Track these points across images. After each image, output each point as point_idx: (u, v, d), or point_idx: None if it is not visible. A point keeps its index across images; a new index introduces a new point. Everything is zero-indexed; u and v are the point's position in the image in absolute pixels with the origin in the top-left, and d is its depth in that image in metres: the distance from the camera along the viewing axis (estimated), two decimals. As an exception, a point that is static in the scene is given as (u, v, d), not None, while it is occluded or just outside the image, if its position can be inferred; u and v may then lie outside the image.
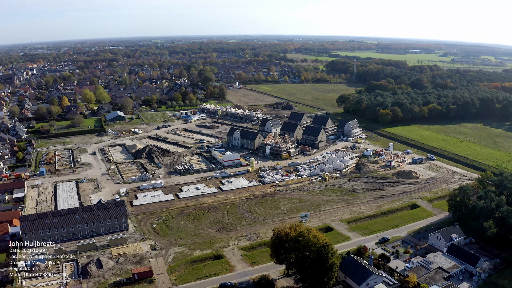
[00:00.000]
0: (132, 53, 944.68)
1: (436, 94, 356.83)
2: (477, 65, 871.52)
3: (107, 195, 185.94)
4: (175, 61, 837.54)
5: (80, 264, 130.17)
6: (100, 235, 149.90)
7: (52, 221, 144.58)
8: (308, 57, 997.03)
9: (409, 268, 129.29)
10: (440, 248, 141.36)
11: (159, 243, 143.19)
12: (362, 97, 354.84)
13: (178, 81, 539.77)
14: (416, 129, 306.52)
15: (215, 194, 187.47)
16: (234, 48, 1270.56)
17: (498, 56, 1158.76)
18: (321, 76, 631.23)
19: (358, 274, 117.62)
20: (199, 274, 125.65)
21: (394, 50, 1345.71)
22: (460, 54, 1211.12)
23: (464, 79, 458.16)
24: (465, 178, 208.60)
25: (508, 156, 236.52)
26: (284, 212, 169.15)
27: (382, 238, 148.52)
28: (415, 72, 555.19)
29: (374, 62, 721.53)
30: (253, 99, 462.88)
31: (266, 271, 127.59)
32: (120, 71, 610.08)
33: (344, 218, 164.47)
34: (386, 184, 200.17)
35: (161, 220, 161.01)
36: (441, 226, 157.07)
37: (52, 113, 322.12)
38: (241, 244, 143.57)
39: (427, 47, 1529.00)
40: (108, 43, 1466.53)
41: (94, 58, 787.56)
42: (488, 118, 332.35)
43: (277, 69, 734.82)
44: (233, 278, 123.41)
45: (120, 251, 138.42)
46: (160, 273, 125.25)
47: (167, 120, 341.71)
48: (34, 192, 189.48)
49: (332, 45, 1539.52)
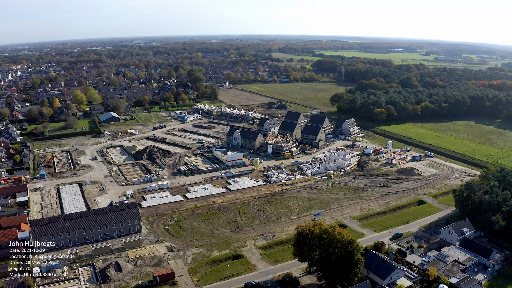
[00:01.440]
0: (116, 53, 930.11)
1: (428, 93, 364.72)
2: (460, 63, 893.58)
3: (113, 197, 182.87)
4: (160, 61, 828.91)
5: (98, 268, 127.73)
6: (113, 238, 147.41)
7: (64, 225, 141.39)
8: (293, 57, 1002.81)
9: (426, 262, 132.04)
10: (452, 242, 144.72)
11: (175, 245, 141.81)
12: (356, 96, 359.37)
13: (168, 82, 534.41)
14: (411, 127, 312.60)
15: (224, 194, 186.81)
16: (218, 48, 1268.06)
17: (480, 54, 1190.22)
18: (310, 75, 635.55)
19: (381, 269, 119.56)
20: (221, 274, 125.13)
21: (377, 49, 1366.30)
22: (442, 52, 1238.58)
23: (452, 77, 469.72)
24: (465, 174, 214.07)
25: (503, 153, 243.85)
26: (295, 211, 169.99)
27: (396, 234, 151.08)
28: (403, 71, 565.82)
29: (360, 61, 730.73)
30: (245, 99, 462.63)
31: (288, 269, 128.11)
32: (107, 72, 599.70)
33: (355, 215, 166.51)
34: (390, 181, 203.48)
35: (173, 221, 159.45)
36: (450, 221, 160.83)
37: (44, 115, 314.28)
38: (258, 243, 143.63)
39: (409, 46, 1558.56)
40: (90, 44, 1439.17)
41: (78, 59, 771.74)
42: (479, 115, 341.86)
43: (264, 69, 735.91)
44: (256, 278, 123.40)
45: (136, 253, 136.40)
46: (181, 274, 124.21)
47: (162, 120, 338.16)
48: (37, 196, 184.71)
49: (316, 45, 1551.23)
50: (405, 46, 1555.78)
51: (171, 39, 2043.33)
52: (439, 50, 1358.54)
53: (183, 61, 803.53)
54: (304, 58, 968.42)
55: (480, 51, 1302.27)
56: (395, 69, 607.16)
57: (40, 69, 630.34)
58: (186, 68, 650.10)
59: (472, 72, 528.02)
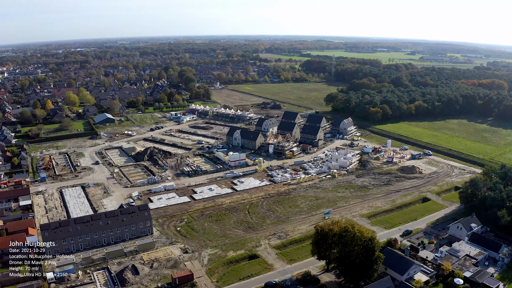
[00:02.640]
0: (103, 54, 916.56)
1: (420, 92, 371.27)
2: (446, 62, 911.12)
3: (119, 199, 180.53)
4: (148, 62, 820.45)
5: (113, 271, 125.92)
6: (125, 240, 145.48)
7: (75, 229, 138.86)
8: (281, 57, 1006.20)
9: (439, 257, 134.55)
10: (461, 237, 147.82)
11: (189, 246, 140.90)
12: (351, 96, 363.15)
13: (159, 82, 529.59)
14: (406, 126, 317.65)
15: (231, 195, 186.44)
16: (205, 48, 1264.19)
17: (464, 53, 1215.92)
18: (300, 75, 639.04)
19: (399, 265, 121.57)
20: (239, 274, 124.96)
21: (363, 49, 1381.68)
22: (427, 52, 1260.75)
23: (442, 76, 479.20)
24: (464, 171, 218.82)
25: (498, 150, 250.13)
26: (304, 210, 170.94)
27: (406, 231, 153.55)
28: (392, 70, 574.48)
29: (349, 61, 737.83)
30: (238, 99, 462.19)
31: (305, 267, 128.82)
32: (95, 73, 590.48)
33: (363, 213, 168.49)
34: (393, 180, 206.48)
35: (184, 223, 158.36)
36: (456, 217, 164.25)
37: (37, 117, 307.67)
38: (272, 243, 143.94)
39: (394, 45, 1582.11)
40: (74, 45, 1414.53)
41: (65, 60, 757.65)
42: (471, 114, 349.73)
43: (253, 69, 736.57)
44: (274, 277, 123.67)
45: (151, 256, 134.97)
46: (200, 276, 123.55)
47: (158, 121, 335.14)
48: (40, 199, 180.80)
49: (301, 45, 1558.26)
50: (390, 45, 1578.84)
51: (155, 40, 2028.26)
52: (424, 49, 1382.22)
53: (171, 62, 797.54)
54: (292, 58, 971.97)
55: (464, 50, 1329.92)
56: (385, 68, 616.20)
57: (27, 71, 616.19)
58: (175, 69, 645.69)
59: (460, 71, 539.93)
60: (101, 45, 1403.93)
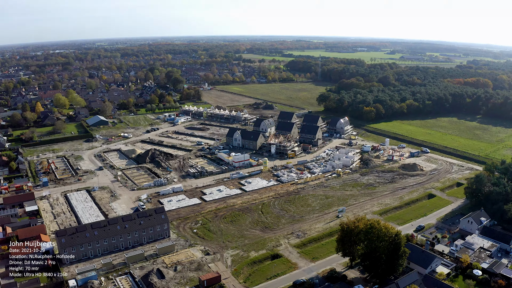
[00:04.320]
0: (84, 56, 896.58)
1: (410, 91, 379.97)
2: (426, 61, 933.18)
3: (128, 202, 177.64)
4: (132, 63, 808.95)
5: (137, 276, 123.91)
6: (142, 244, 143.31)
7: (93, 234, 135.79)
8: (265, 57, 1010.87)
9: (454, 250, 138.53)
10: (472, 231, 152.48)
11: (209, 248, 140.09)
12: (344, 96, 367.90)
13: (146, 84, 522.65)
14: (399, 124, 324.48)
15: (241, 195, 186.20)
16: (186, 49, 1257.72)
17: (443, 52, 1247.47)
18: (287, 75, 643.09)
19: (422, 259, 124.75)
20: (265, 274, 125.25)
21: (343, 49, 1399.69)
22: (407, 51, 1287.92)
23: (428, 76, 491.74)
24: (463, 168, 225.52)
25: (492, 147, 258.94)
26: (316, 209, 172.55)
27: (419, 226, 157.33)
28: (378, 70, 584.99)
29: (334, 61, 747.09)
30: (229, 100, 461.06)
31: (329, 265, 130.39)
32: (80, 75, 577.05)
33: (375, 210, 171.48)
34: (397, 177, 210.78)
35: (199, 225, 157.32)
36: (464, 212, 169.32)
37: (28, 120, 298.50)
38: (291, 242, 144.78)
39: (373, 45, 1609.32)
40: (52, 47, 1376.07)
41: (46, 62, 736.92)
42: (460, 112, 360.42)
43: (239, 70, 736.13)
44: (300, 275, 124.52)
45: (172, 259, 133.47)
46: (226, 277, 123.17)
47: (152, 123, 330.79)
48: (46, 204, 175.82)
49: (282, 45, 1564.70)
50: (369, 45, 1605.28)
51: (133, 41, 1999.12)
52: (403, 48, 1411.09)
53: (155, 63, 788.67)
54: (276, 58, 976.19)
55: (442, 49, 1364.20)
56: (370, 68, 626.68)
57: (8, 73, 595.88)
58: (161, 70, 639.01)
59: (444, 70, 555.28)
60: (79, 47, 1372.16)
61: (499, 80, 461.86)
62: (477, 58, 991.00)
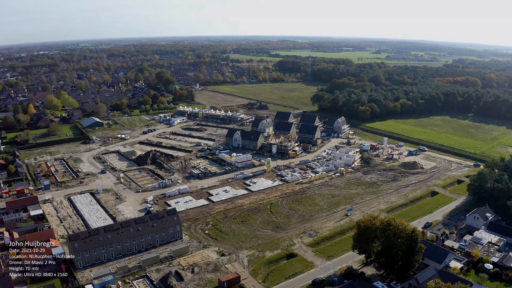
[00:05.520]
0: (70, 57, 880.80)
1: (403, 90, 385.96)
2: (412, 61, 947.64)
3: (134, 204, 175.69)
4: (119, 64, 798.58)
5: (154, 279, 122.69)
6: (155, 247, 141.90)
7: (106, 237, 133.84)
8: (253, 58, 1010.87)
9: (464, 245, 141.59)
10: (478, 226, 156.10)
11: (224, 249, 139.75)
12: (338, 95, 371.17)
13: (137, 85, 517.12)
14: (394, 123, 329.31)
15: (247, 196, 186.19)
16: (172, 50, 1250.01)
17: (427, 51, 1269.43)
18: (277, 76, 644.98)
19: (436, 255, 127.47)
20: (283, 273, 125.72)
21: (329, 49, 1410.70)
22: (392, 50, 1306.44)
23: (419, 75, 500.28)
24: (461, 165, 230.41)
25: (487, 145, 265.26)
26: (324, 208, 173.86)
27: (427, 223, 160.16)
28: (367, 69, 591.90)
29: (323, 61, 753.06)
30: (222, 100, 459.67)
31: (344, 263, 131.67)
32: (68, 76, 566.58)
33: (382, 208, 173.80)
34: (399, 175, 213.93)
35: (210, 226, 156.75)
36: (468, 208, 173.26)
37: (21, 122, 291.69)
38: (305, 241, 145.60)
39: (358, 44, 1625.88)
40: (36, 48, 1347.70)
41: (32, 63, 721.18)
42: (452, 110, 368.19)
43: (228, 70, 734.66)
44: (318, 274, 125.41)
45: (188, 261, 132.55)
46: (245, 278, 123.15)
47: (148, 124, 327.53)
48: (50, 208, 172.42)
49: (268, 45, 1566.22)
50: (354, 44, 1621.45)
51: (117, 42, 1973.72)
52: (388, 48, 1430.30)
53: (143, 64, 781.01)
54: (264, 58, 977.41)
55: (427, 48, 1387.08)
56: (360, 68, 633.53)
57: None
58: (150, 71, 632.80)
59: (433, 69, 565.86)
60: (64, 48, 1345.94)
61: (487, 79, 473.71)
62: (463, 57, 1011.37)
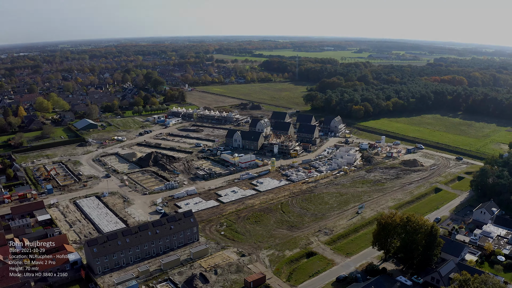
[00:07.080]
0: (52, 58, 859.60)
1: (393, 89, 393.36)
2: (394, 59, 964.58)
3: (144, 207, 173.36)
4: (103, 65, 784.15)
5: (178, 282, 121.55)
6: (173, 249, 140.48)
7: (124, 241, 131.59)
8: (237, 58, 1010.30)
9: (475, 239, 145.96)
10: (485, 221, 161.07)
11: (243, 249, 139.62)
12: (331, 95, 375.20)
13: (125, 86, 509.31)
14: (387, 122, 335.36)
15: (256, 196, 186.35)
16: (154, 50, 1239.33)
17: (408, 50, 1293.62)
18: (265, 76, 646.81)
19: (453, 248, 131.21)
20: (306, 272, 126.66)
21: (311, 48, 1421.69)
22: (373, 50, 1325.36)
23: (406, 74, 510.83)
24: (459, 162, 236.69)
25: (480, 142, 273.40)
26: (335, 206, 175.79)
27: (436, 218, 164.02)
28: (353, 69, 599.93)
29: (309, 60, 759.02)
30: (213, 100, 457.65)
31: (364, 259, 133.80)
32: (53, 78, 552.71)
33: (391, 205, 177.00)
34: (401, 173, 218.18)
35: (225, 226, 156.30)
36: (472, 203, 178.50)
37: (12, 125, 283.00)
38: (321, 239, 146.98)
39: (339, 44, 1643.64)
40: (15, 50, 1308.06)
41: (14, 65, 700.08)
42: (442, 108, 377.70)
43: (214, 71, 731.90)
44: (340, 271, 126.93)
45: (209, 262, 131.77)
46: (270, 277, 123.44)
47: (143, 126, 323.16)
48: (56, 212, 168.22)
49: (249, 45, 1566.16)
50: (334, 44, 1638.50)
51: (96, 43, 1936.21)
52: (368, 47, 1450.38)
53: (127, 64, 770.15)
54: (248, 58, 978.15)
55: (407, 47, 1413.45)
56: (348, 67, 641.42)
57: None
58: (137, 72, 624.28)
59: (418, 68, 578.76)
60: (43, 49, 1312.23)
61: (472, 77, 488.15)
62: (444, 55, 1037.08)
